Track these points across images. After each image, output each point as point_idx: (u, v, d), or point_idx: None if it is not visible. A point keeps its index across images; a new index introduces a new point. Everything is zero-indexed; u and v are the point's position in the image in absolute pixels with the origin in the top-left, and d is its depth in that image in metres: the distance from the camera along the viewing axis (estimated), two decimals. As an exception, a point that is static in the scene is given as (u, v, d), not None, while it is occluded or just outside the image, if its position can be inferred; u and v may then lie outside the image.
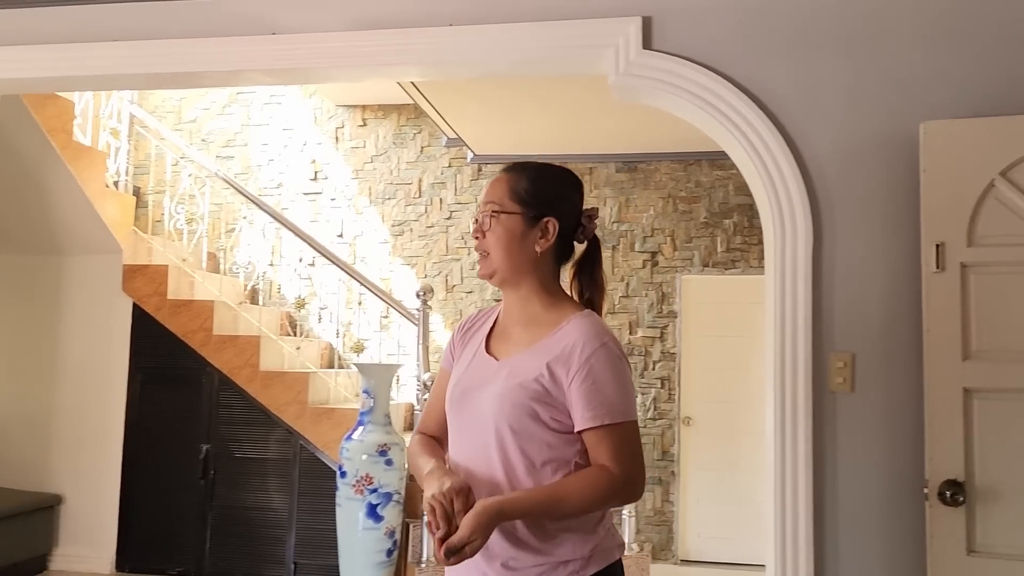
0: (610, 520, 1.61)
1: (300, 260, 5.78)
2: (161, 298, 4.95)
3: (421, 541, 4.40)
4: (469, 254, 5.71)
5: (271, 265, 5.83)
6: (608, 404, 1.51)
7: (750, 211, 5.42)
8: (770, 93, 2.50)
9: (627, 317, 5.53)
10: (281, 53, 2.97)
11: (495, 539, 1.50)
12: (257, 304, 5.61)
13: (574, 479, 1.52)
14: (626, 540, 4.74)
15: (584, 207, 1.69)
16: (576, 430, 1.53)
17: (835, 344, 2.39)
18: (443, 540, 1.43)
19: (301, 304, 5.31)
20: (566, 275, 1.70)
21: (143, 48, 3.03)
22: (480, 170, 5.77)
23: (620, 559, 1.61)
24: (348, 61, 2.98)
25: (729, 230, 5.49)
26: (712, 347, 5.52)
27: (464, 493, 1.48)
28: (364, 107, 5.97)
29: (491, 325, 1.70)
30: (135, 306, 5.00)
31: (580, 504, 1.50)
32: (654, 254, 5.56)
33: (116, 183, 5.33)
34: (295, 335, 5.50)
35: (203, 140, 6.07)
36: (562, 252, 1.66)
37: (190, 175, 5.58)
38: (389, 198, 5.89)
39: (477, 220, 1.65)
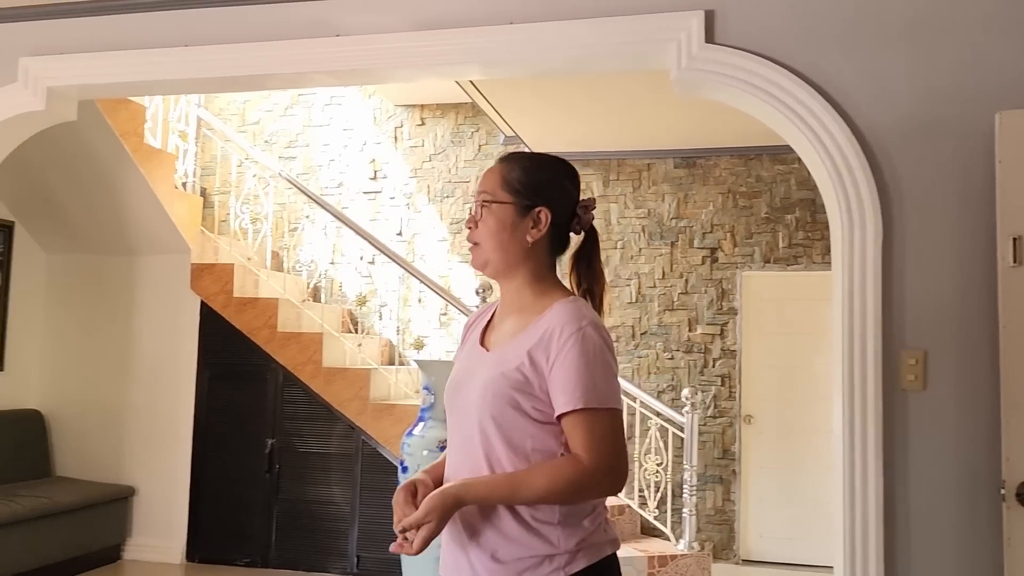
0: (603, 515, 1.57)
1: (361, 258, 5.87)
2: (227, 296, 5.08)
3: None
4: (527, 251, 5.73)
5: (332, 263, 5.93)
6: (583, 388, 1.46)
7: (813, 206, 5.32)
8: (835, 84, 2.45)
9: (686, 314, 5.48)
10: (345, 54, 3.02)
11: (483, 529, 1.50)
12: (319, 302, 5.71)
13: (539, 467, 1.49)
14: (686, 539, 4.70)
15: (581, 198, 1.66)
16: (555, 415, 1.49)
17: (906, 341, 2.34)
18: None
19: (362, 301, 5.39)
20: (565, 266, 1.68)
21: (211, 53, 3.11)
22: (537, 167, 5.77)
23: (613, 555, 1.57)
24: (410, 61, 3.01)
25: (791, 225, 5.39)
26: (774, 344, 5.43)
27: (407, 489, 1.57)
28: (422, 106, 6.03)
29: (489, 318, 1.69)
30: (203, 304, 5.14)
31: (542, 492, 1.46)
32: (713, 250, 5.49)
33: (184, 184, 5.49)
34: (356, 332, 5.59)
35: (266, 141, 6.21)
36: (558, 243, 1.63)
37: (254, 175, 5.72)
38: (447, 196, 5.94)
39: (472, 211, 1.64)
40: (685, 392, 4.83)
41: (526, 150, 5.69)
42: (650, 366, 5.51)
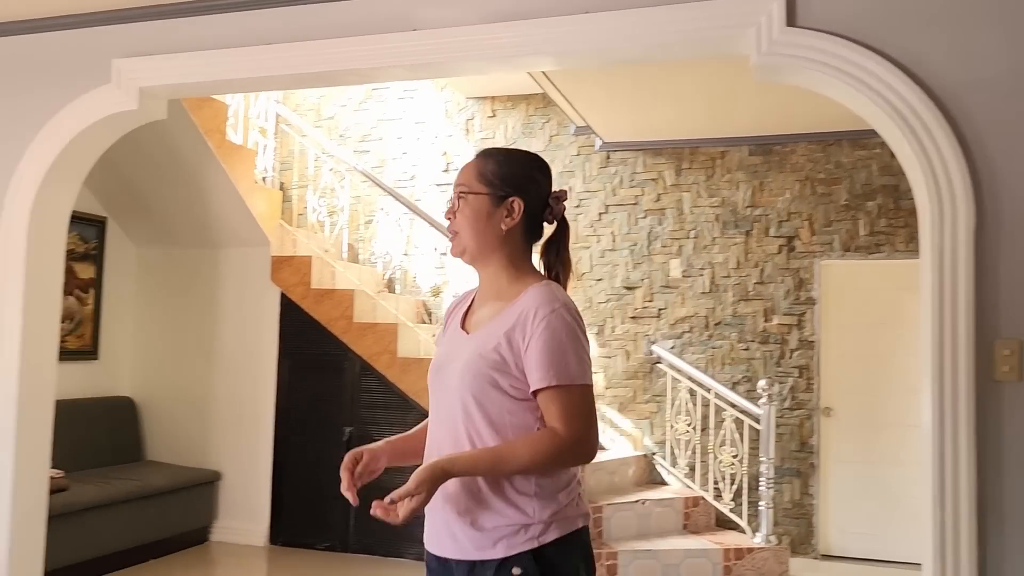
0: (576, 489, 1.67)
1: (434, 249, 5.94)
2: (306, 287, 5.22)
3: (555, 526, 4.45)
4: (598, 241, 5.71)
5: (406, 255, 6.02)
6: (558, 366, 1.58)
7: (896, 192, 5.15)
8: (925, 67, 2.37)
9: (761, 304, 5.38)
10: (421, 48, 3.06)
11: (464, 500, 1.62)
12: (394, 293, 5.81)
13: (520, 440, 1.60)
14: (763, 532, 4.64)
15: (553, 189, 1.78)
16: (531, 391, 1.61)
17: (1000, 331, 2.25)
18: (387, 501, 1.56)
19: (436, 292, 5.45)
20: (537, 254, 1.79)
21: (293, 50, 3.19)
22: (608, 157, 5.75)
23: (585, 528, 1.68)
24: (484, 53, 3.03)
25: (873, 213, 5.24)
26: (854, 335, 5.29)
27: (352, 454, 1.77)
28: (493, 98, 6.06)
29: (469, 304, 1.80)
30: (282, 295, 5.29)
31: (524, 462, 1.58)
32: (790, 239, 5.38)
33: (264, 179, 5.65)
34: (431, 323, 5.67)
35: (341, 136, 6.33)
36: (532, 231, 1.76)
37: (331, 169, 5.84)
38: (518, 187, 5.95)
39: (450, 202, 1.76)
40: (761, 383, 4.75)
41: (599, 141, 5.66)
42: (724, 357, 5.43)
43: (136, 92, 3.37)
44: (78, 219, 4.58)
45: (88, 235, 5.25)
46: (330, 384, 5.17)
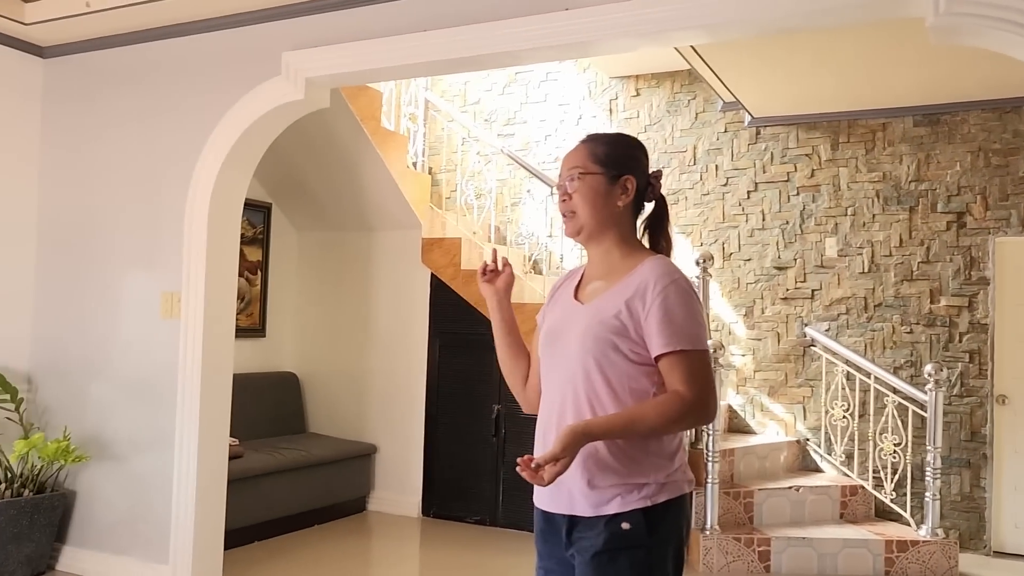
0: (684, 457, 1.77)
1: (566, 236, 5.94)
2: (455, 269, 5.36)
3: (705, 508, 4.40)
4: (747, 221, 5.55)
5: (550, 236, 6.06)
6: (680, 332, 1.67)
7: (1084, 162, 4.71)
8: None
9: (927, 284, 5.07)
10: (572, 27, 3.07)
11: (584, 460, 1.69)
12: (540, 274, 5.87)
13: (650, 403, 1.69)
14: (929, 525, 4.40)
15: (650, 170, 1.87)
16: (653, 356, 1.69)
17: None
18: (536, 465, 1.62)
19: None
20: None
21: (446, 35, 3.28)
22: (759, 133, 5.56)
23: (689, 494, 1.78)
24: (636, 30, 3.01)
25: (1056, 185, 4.81)
26: (1033, 318, 4.89)
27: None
28: (637, 77, 5.98)
29: (579, 279, 1.89)
30: (433, 276, 5.46)
31: (655, 424, 1.66)
32: (960, 215, 5.02)
33: (415, 164, 5.84)
34: (575, 303, 5.68)
35: (486, 120, 6.44)
36: (637, 210, 1.86)
37: (477, 153, 5.96)
38: (663, 167, 5.86)
39: (561, 185, 1.84)
40: (928, 368, 4.49)
41: (748, 117, 5.49)
42: (885, 340, 5.16)
43: (303, 83, 3.56)
44: (247, 205, 4.87)
45: (255, 220, 5.61)
46: (479, 363, 5.30)
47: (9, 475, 3.93)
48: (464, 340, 5.36)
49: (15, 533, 3.82)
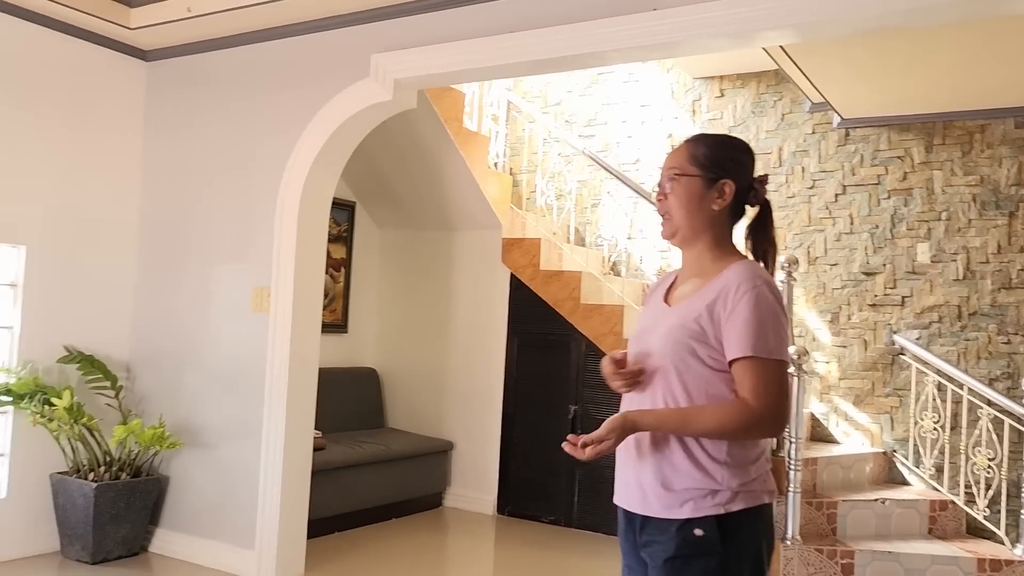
0: (765, 465, 1.73)
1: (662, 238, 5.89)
2: (534, 269, 5.38)
3: (786, 518, 4.31)
4: (834, 224, 5.40)
5: (630, 238, 6.03)
6: (755, 339, 1.63)
7: None
8: None
9: (1028, 293, 4.84)
10: (660, 28, 3.05)
11: (658, 461, 1.70)
12: (619, 276, 5.85)
13: (710, 405, 1.67)
14: (1026, 544, 4.21)
15: (757, 174, 1.83)
16: (727, 361, 1.67)
17: None
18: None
19: (661, 275, 5.41)
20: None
21: (532, 37, 3.30)
22: (847, 135, 5.41)
23: (770, 505, 1.73)
24: (725, 30, 2.98)
25: None
26: None
27: (611, 359, 1.82)
28: (722, 78, 5.89)
29: (671, 282, 1.89)
30: (512, 276, 5.50)
31: (710, 426, 1.64)
32: (1065, 221, 4.78)
33: (496, 164, 5.89)
34: (654, 306, 5.64)
35: (566, 121, 6.44)
36: (736, 213, 1.82)
37: (558, 154, 5.97)
38: (747, 169, 5.75)
39: (660, 185, 1.83)
40: (1027, 380, 4.29)
41: (837, 118, 5.35)
42: (980, 350, 4.95)
43: (391, 84, 3.64)
44: (332, 203, 5.01)
45: (340, 218, 5.75)
46: (556, 363, 5.31)
47: (108, 458, 4.13)
48: (542, 340, 5.38)
49: (113, 514, 4.01)
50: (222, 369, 4.17)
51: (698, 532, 1.66)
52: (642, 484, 1.73)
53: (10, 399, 3.89)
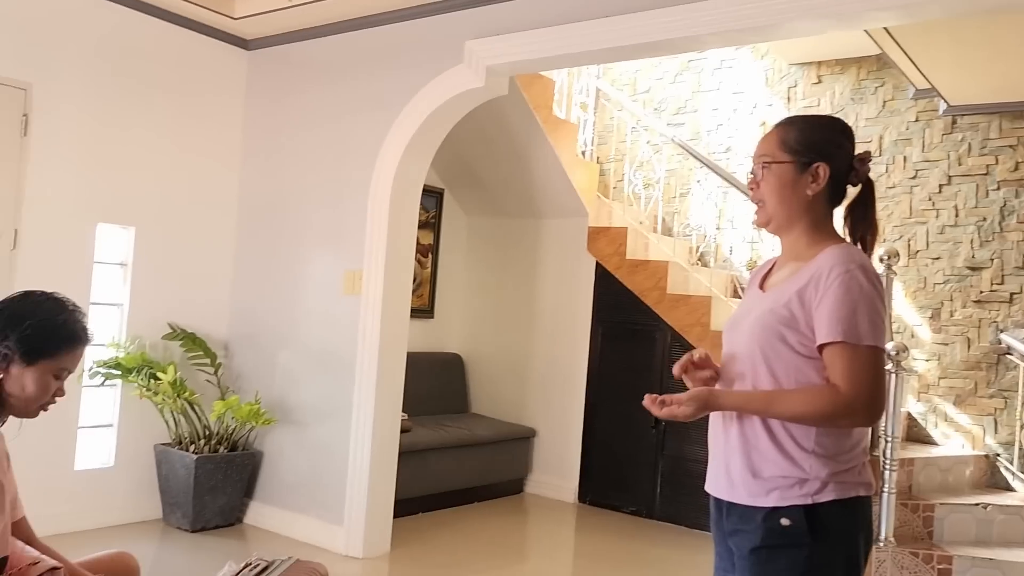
0: (860, 456, 1.66)
1: (751, 224, 5.77)
2: (620, 258, 5.34)
3: (880, 519, 4.17)
4: (937, 216, 5.17)
5: (718, 228, 5.92)
6: (846, 323, 1.57)
7: None
8: None
9: None
10: (755, 11, 2.98)
11: (746, 447, 1.66)
12: (706, 266, 5.75)
13: (799, 388, 1.62)
14: None
15: (857, 152, 1.75)
16: (816, 345, 1.61)
17: None
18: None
19: (751, 266, 5.30)
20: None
21: (625, 22, 3.27)
22: (954, 123, 5.16)
23: (867, 499, 1.66)
24: (823, 11, 2.88)
25: None
26: None
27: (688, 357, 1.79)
28: (819, 63, 5.70)
29: (770, 268, 1.84)
30: (598, 265, 5.47)
31: (795, 410, 1.59)
32: None
33: (583, 152, 5.86)
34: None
35: (655, 109, 6.35)
36: (834, 195, 1.75)
37: (647, 142, 5.90)
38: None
39: (752, 173, 1.79)
40: None
41: (943, 105, 5.11)
42: (1096, 352, 4.66)
43: (484, 71, 3.66)
44: (422, 190, 5.09)
45: (428, 205, 5.82)
46: (641, 353, 5.26)
47: (207, 432, 4.31)
48: (627, 329, 5.34)
49: (211, 486, 4.19)
50: (315, 349, 4.29)
51: (784, 522, 1.61)
52: (729, 471, 1.70)
53: (119, 372, 4.10)
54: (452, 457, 5.04)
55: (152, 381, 4.10)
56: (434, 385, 5.68)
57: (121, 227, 4.29)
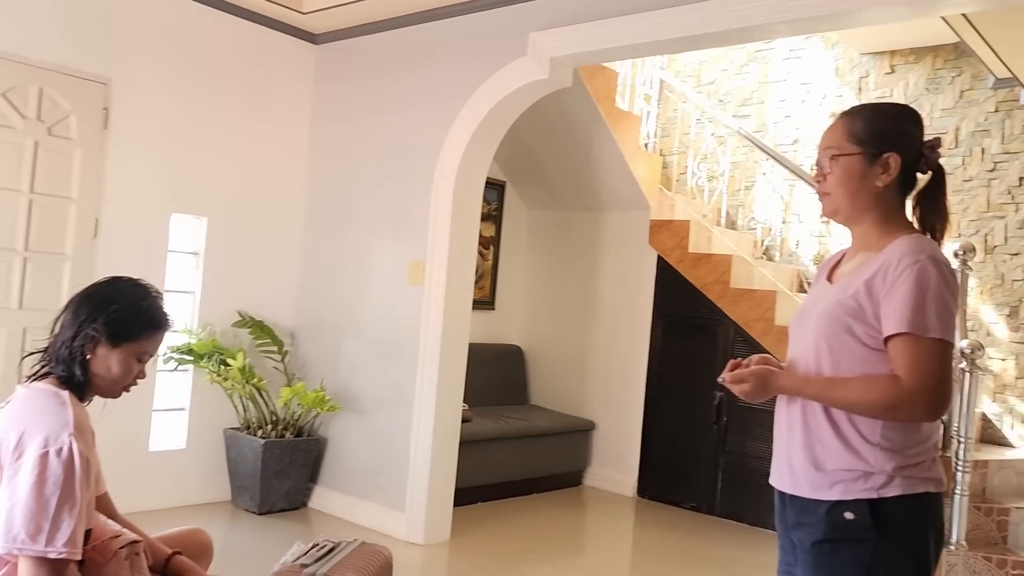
0: (930, 452, 1.62)
1: (820, 218, 5.64)
2: (682, 251, 5.29)
3: (951, 521, 4.05)
4: (1017, 211, 4.98)
5: (784, 222, 5.81)
6: (913, 315, 1.53)
7: None
8: None
9: None
10: (809, 1, 2.91)
11: (809, 439, 1.64)
12: (772, 260, 5.65)
13: (858, 377, 1.59)
14: None
15: (925, 138, 1.70)
16: (882, 337, 1.57)
17: None
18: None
19: (818, 261, 5.19)
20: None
21: (691, 11, 3.23)
22: (1037, 113, 4.96)
23: (937, 496, 1.61)
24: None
25: None
26: None
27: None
28: (892, 53, 5.54)
29: (839, 259, 1.80)
30: (659, 258, 5.43)
31: (853, 397, 1.56)
32: None
33: (646, 145, 5.81)
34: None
35: (720, 100, 6.26)
36: (905, 184, 1.70)
37: (712, 134, 5.82)
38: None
39: (818, 165, 1.74)
40: None
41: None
42: None
43: (547, 62, 3.66)
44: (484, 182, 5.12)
45: (490, 197, 5.85)
46: (703, 347, 5.20)
47: (274, 418, 4.42)
48: (689, 323, 5.29)
49: (278, 470, 4.30)
50: (378, 339, 4.36)
51: (848, 515, 1.57)
52: (792, 463, 1.67)
53: (191, 358, 4.23)
54: (512, 448, 5.06)
55: (222, 367, 4.22)
56: (494, 376, 5.71)
57: (194, 217, 4.42)
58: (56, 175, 3.86)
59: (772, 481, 1.78)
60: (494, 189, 5.89)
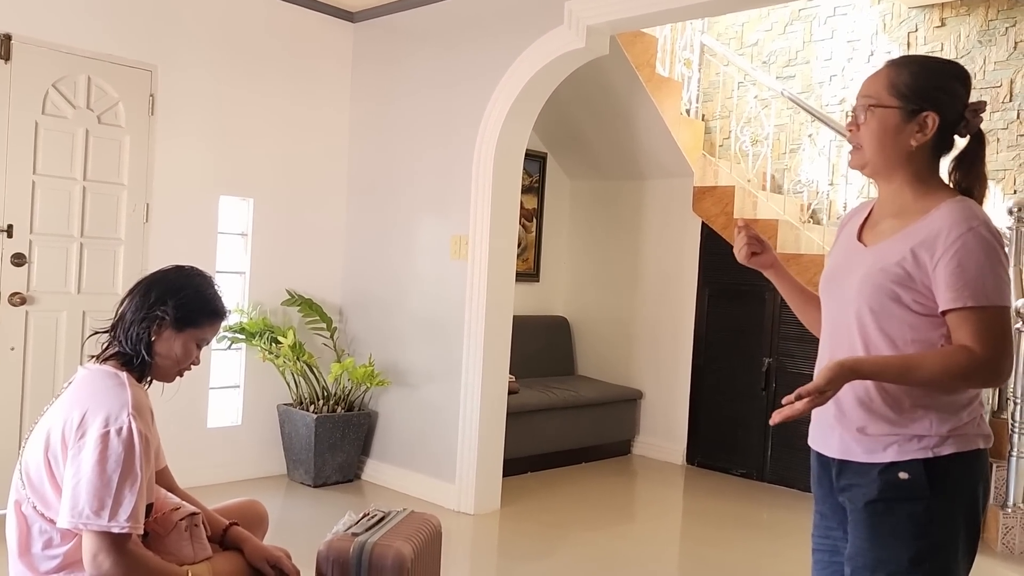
0: (979, 409, 1.61)
1: (868, 181, 5.52)
2: (727, 217, 5.23)
3: (1008, 484, 3.98)
4: (1076, 164, 4.81)
5: (831, 184, 5.70)
6: (972, 286, 1.50)
7: None
8: None
9: None
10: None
11: (852, 407, 1.61)
12: (819, 224, 5.56)
13: (933, 352, 1.55)
14: None
15: (970, 101, 1.63)
16: (940, 311, 1.54)
17: None
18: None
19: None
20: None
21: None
22: (1097, 61, 4.76)
23: (985, 451, 1.61)
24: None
25: None
26: None
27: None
28: (943, 5, 5.36)
29: (865, 216, 1.74)
30: (703, 225, 5.37)
31: (934, 375, 1.52)
32: None
33: (688, 111, 5.73)
34: (858, 256, 5.31)
35: (764, 62, 6.13)
36: (942, 145, 1.65)
37: (755, 97, 5.71)
38: (971, 105, 5.22)
39: (853, 112, 1.67)
40: None
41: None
42: None
43: (584, 31, 3.63)
44: (524, 154, 5.12)
45: (532, 169, 5.85)
46: (749, 314, 5.16)
47: (326, 393, 4.52)
48: (735, 290, 5.24)
49: (330, 444, 4.40)
50: (425, 313, 4.42)
51: (903, 475, 1.57)
52: (840, 430, 1.65)
53: (243, 337, 4.34)
54: (559, 418, 5.10)
55: (273, 345, 4.32)
56: (540, 348, 5.75)
57: (241, 199, 4.51)
58: (107, 162, 3.97)
59: (813, 443, 1.77)
60: (535, 161, 5.88)
